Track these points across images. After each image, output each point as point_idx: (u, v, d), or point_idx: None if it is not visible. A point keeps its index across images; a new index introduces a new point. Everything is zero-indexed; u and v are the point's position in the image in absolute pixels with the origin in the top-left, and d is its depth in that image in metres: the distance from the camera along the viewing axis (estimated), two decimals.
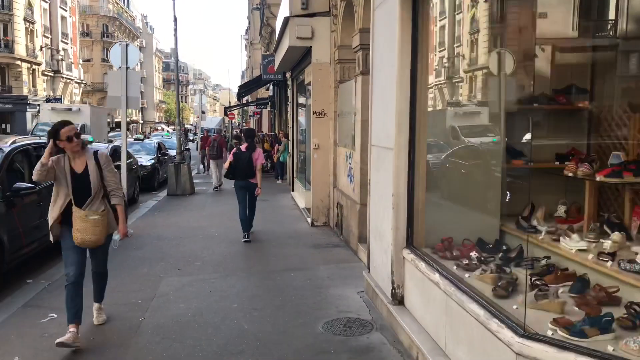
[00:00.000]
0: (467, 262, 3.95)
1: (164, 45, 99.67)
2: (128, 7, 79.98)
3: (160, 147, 19.00)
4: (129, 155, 14.43)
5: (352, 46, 8.09)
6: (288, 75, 16.31)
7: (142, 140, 19.21)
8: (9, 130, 40.01)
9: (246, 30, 59.74)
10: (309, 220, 9.90)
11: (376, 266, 5.25)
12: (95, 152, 4.78)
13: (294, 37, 9.32)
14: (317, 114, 9.42)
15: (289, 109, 16.84)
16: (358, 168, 7.23)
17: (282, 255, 7.61)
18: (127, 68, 9.43)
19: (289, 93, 18.60)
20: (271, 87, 26.73)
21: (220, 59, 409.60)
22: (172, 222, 10.51)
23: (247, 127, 19.49)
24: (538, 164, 3.95)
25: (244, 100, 35.36)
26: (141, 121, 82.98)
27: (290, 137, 15.99)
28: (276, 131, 24.55)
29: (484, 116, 4.98)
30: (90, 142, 12.96)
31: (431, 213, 4.58)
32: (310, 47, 9.43)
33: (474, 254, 4.03)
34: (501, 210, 4.28)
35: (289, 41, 9.46)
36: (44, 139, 8.96)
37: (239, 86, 28.81)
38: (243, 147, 8.53)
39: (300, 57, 11.03)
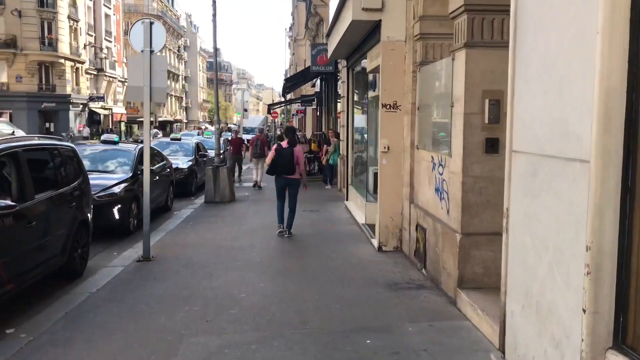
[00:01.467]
0: None
1: (208, 45, 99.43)
2: (172, 5, 79.97)
3: (198, 147, 17.35)
4: (161, 158, 12.77)
5: (441, 15, 5.97)
6: (341, 65, 14.25)
7: (179, 140, 17.58)
8: (52, 129, 39.75)
9: (290, 27, 58.23)
10: (375, 242, 7.81)
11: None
12: None
13: (359, 9, 7.26)
14: (388, 107, 7.33)
15: (341, 104, 14.79)
16: (458, 182, 5.10)
17: (347, 299, 5.52)
18: (152, 52, 7.60)
19: (340, 87, 16.56)
20: (318, 82, 24.77)
21: (263, 57, 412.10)
22: (207, 240, 8.65)
23: (288, 125, 18.07)
24: None
25: (288, 97, 33.56)
26: (185, 120, 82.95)
27: (344, 137, 13.95)
28: (323, 130, 22.55)
29: None
30: (116, 143, 11.30)
31: None
32: (379, 21, 7.35)
33: None
34: None
35: (352, 14, 7.40)
36: (47, 141, 7.29)
37: (285, 79, 26.98)
38: (284, 143, 8.69)
39: (362, 38, 8.95)
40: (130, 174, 10.15)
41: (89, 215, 7.30)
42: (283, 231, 8.75)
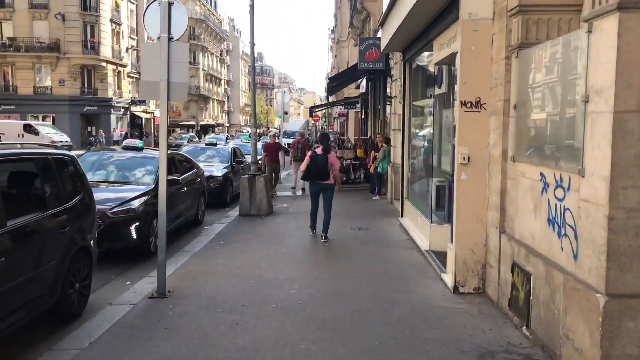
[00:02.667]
0: None
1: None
2: (215, 9, 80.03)
3: (235, 153, 15.99)
4: (191, 165, 11.41)
5: None
6: (394, 60, 12.57)
7: (214, 145, 16.27)
8: (94, 132, 39.67)
9: (332, 29, 56.82)
10: (448, 280, 6.09)
11: None
12: None
13: None
14: (468, 105, 5.61)
15: (393, 106, 13.10)
16: (600, 215, 3.36)
17: None
18: (170, 39, 6.16)
19: (390, 87, 14.85)
20: (363, 82, 23.12)
21: (305, 61, 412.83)
22: (237, 267, 7.14)
23: (322, 132, 16.70)
24: None
25: (330, 99, 32.03)
26: (227, 124, 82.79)
27: (397, 143, 12.30)
28: (369, 134, 20.87)
29: None
30: (140, 149, 9.98)
31: None
32: None
33: None
34: None
35: None
36: (33, 150, 5.92)
37: (329, 78, 25.38)
38: (319, 150, 8.79)
39: (429, 21, 7.26)
40: (153, 186, 8.78)
41: (91, 240, 5.91)
42: (315, 234, 8.97)
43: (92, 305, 5.81)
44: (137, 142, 10.00)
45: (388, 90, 15.92)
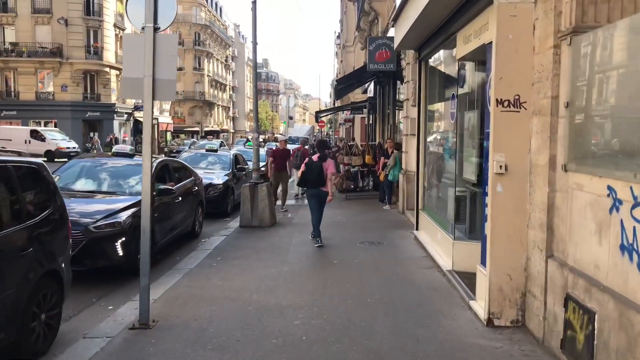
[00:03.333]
0: None
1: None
2: (221, 16, 79.65)
3: (237, 160, 15.17)
4: (188, 173, 10.58)
5: None
6: (406, 60, 11.73)
7: (215, 151, 15.45)
8: (97, 138, 39.01)
9: (338, 35, 56.15)
10: (479, 310, 5.19)
11: None
12: None
13: None
14: (505, 104, 4.74)
15: (405, 109, 12.25)
16: None
17: None
18: (156, 29, 5.35)
19: (401, 89, 14.01)
20: (371, 87, 22.27)
21: (311, 68, 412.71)
22: (233, 291, 6.26)
23: (320, 139, 15.98)
24: None
25: (336, 104, 31.19)
26: (232, 130, 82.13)
27: (410, 148, 11.46)
28: (377, 140, 19.99)
29: None
30: (131, 155, 9.17)
31: None
32: None
33: None
34: None
35: None
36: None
37: (336, 80, 24.53)
38: (315, 157, 8.88)
39: (451, 11, 6.40)
40: None
41: (63, 262, 5.06)
42: (321, 245, 8.78)
43: (63, 338, 4.97)
44: (127, 148, 9.17)
45: (399, 92, 15.08)
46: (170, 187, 8.44)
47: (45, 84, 38.68)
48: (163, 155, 15.97)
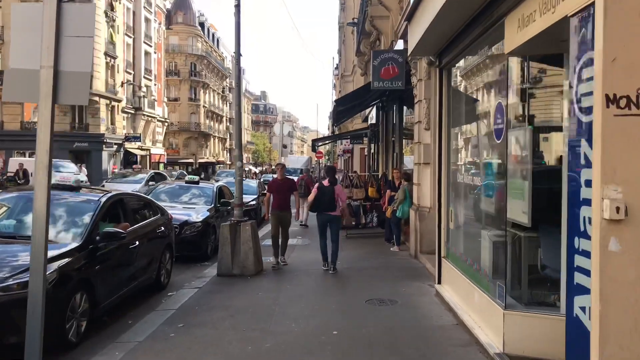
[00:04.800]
0: None
1: (253, 87, 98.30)
2: (218, 47, 79.00)
3: (222, 193, 13.24)
4: (153, 209, 8.60)
5: None
6: (420, 74, 9.93)
7: (197, 183, 13.52)
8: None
9: (336, 66, 55.09)
10: None
11: None
12: None
13: None
14: (622, 103, 2.82)
15: (417, 133, 10.40)
16: None
17: None
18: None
19: (411, 112, 12.21)
20: (373, 113, 20.55)
21: (309, 100, 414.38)
22: None
23: (328, 165, 14.81)
24: None
25: (335, 130, 29.45)
26: (229, 162, 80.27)
27: (427, 179, 9.61)
28: (380, 171, 18.12)
29: None
30: (77, 188, 7.22)
31: None
32: None
33: None
34: None
35: None
36: None
37: (336, 101, 22.69)
38: (325, 182, 9.15)
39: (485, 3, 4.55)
40: (81, 242, 6.02)
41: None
42: (328, 269, 8.96)
43: None
44: (71, 178, 7.21)
45: (408, 115, 13.29)
46: (119, 230, 6.43)
47: (31, 114, 37.05)
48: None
